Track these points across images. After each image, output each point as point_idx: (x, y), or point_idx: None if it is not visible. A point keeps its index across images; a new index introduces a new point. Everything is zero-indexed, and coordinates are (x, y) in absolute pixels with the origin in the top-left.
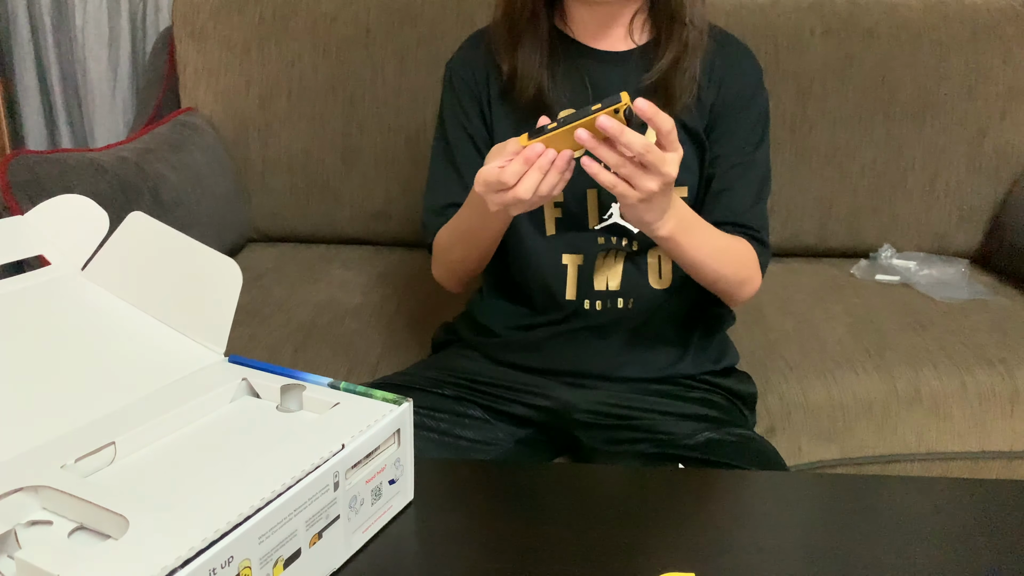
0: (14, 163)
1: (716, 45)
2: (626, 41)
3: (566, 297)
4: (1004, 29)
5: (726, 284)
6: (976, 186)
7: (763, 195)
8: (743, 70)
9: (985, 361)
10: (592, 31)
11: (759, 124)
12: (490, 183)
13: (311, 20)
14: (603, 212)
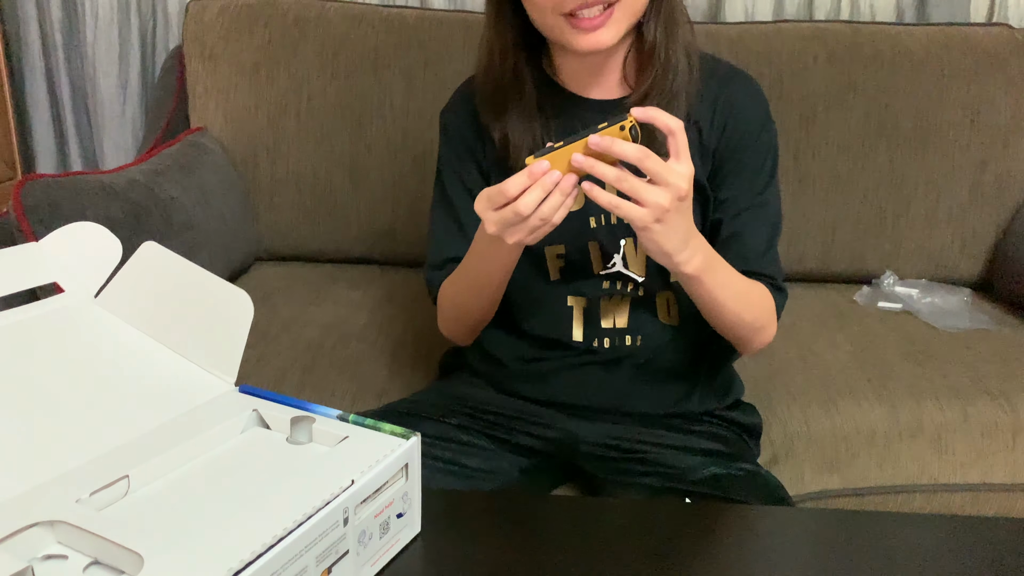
0: (28, 187)
1: (718, 83)
2: (621, 87)
3: (573, 339)
4: (1006, 59)
5: (745, 330)
6: (978, 214)
7: (775, 237)
8: (748, 106)
9: (987, 393)
10: (583, 80)
11: (768, 161)
12: (492, 197)
13: (320, 42)
14: (606, 261)
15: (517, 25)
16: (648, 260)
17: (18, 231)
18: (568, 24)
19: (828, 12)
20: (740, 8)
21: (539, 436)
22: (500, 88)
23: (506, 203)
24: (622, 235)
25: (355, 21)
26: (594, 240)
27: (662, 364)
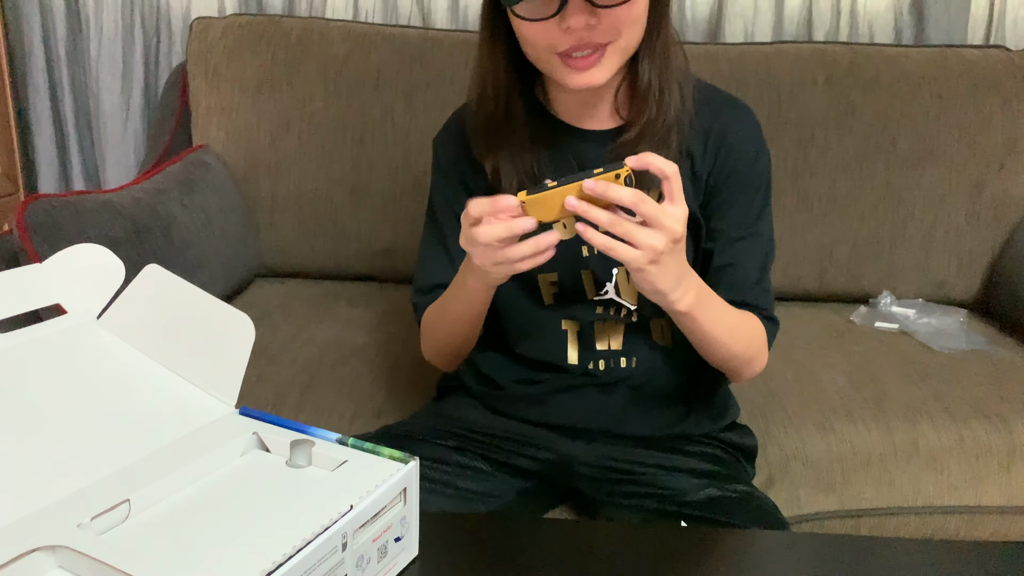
0: (32, 207)
1: (711, 112)
2: (613, 118)
3: (568, 361)
4: (1003, 81)
5: (735, 362)
6: (975, 235)
7: (767, 267)
8: (742, 136)
9: (982, 415)
10: (576, 111)
11: (760, 191)
12: (468, 212)
13: (322, 62)
14: (599, 288)
15: (510, 56)
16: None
17: (21, 250)
18: (561, 63)
19: (827, 31)
20: (740, 28)
21: (536, 458)
22: (492, 120)
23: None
24: (614, 264)
25: (357, 41)
26: (587, 268)
27: (658, 386)
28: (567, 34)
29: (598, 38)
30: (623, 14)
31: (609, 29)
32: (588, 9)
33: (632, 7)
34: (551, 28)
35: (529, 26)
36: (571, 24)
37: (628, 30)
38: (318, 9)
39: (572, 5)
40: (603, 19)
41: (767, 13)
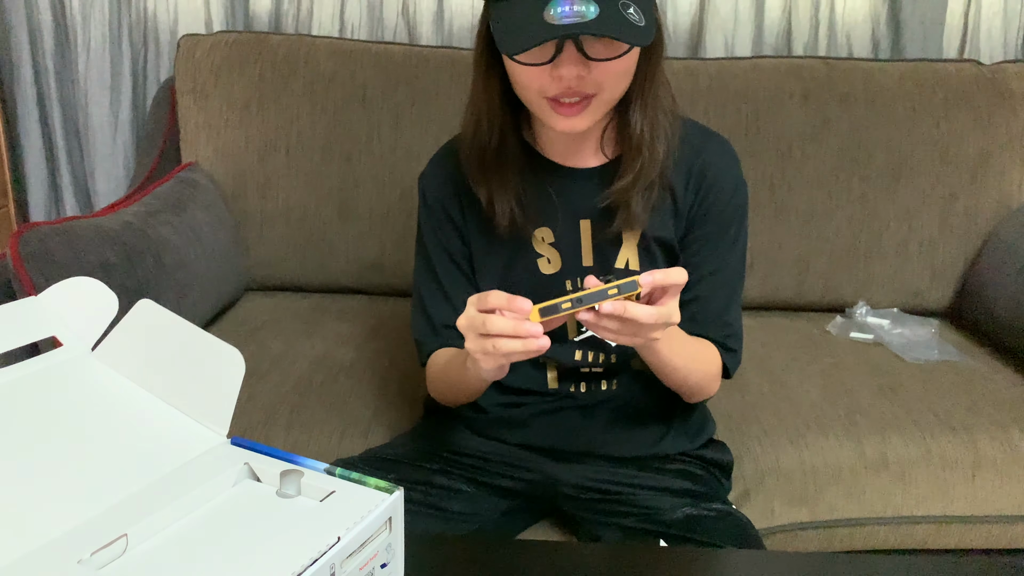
0: (25, 236)
1: (692, 149)
2: (597, 156)
3: (548, 387)
4: (974, 96)
5: (688, 388)
6: (948, 246)
7: (733, 299)
8: (721, 173)
9: (949, 428)
10: (561, 149)
11: (735, 224)
12: (487, 301)
13: (310, 79)
14: (581, 325)
15: (503, 92)
16: None
17: (15, 278)
18: (549, 106)
19: (806, 44)
20: (720, 40)
21: (519, 479)
22: (486, 152)
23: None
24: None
25: (344, 58)
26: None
27: (637, 407)
28: (557, 81)
29: (586, 88)
30: (612, 68)
31: (597, 81)
32: (580, 60)
33: (622, 61)
34: (543, 74)
35: (523, 70)
36: (563, 73)
37: (615, 84)
38: (304, 23)
39: (566, 55)
40: (593, 71)
41: (747, 26)
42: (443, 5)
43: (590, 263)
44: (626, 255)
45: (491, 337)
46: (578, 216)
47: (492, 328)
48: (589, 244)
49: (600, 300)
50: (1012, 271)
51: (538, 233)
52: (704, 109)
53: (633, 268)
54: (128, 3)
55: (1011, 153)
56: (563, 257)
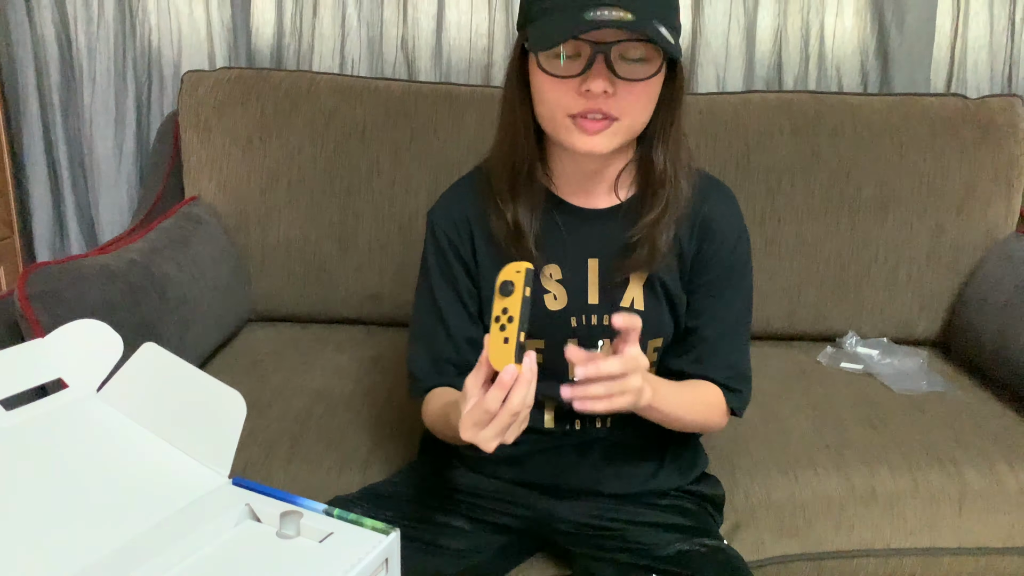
0: (32, 277)
1: (699, 195)
2: (609, 198)
3: (545, 426)
4: (960, 129)
5: (692, 429)
6: (935, 277)
7: (739, 341)
8: (725, 223)
9: (936, 460)
10: (574, 187)
11: (739, 270)
12: (478, 420)
13: (311, 115)
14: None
15: (533, 122)
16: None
17: (22, 317)
18: (572, 124)
19: (796, 77)
20: (712, 75)
21: (515, 515)
22: (519, 174)
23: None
24: (600, 336)
25: (344, 94)
26: (573, 338)
27: (631, 444)
28: (584, 97)
29: (610, 109)
30: (637, 91)
31: (622, 104)
32: (609, 76)
33: (647, 86)
34: (571, 90)
35: (552, 86)
36: (591, 87)
37: (638, 110)
38: (305, 58)
39: (595, 70)
40: (619, 91)
41: (739, 59)
42: (441, 41)
43: (596, 301)
44: (632, 295)
45: (494, 414)
46: (587, 255)
47: (509, 410)
48: (596, 283)
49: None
50: (998, 303)
51: (546, 270)
52: (696, 143)
53: (638, 308)
54: (133, 38)
55: (996, 185)
56: (569, 295)
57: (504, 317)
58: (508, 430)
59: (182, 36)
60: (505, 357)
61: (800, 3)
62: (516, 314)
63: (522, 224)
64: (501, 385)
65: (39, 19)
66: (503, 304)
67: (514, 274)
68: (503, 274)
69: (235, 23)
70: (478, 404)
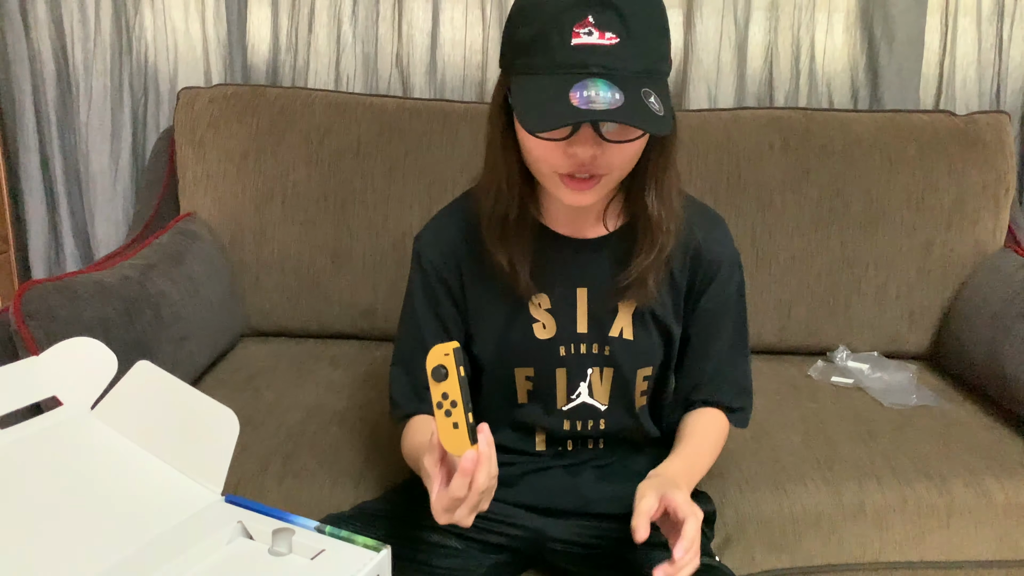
0: (28, 294)
1: (688, 223)
2: (597, 228)
3: (536, 448)
4: (948, 145)
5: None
6: (925, 291)
7: (740, 361)
8: (719, 251)
9: (925, 475)
10: (564, 220)
11: (735, 297)
12: (448, 507)
13: (305, 131)
14: (571, 392)
15: (520, 161)
16: (612, 390)
17: (16, 334)
18: (560, 180)
19: (787, 94)
20: (704, 92)
21: (507, 534)
22: (507, 221)
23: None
24: (590, 365)
25: (339, 111)
26: (562, 367)
27: (622, 465)
28: (571, 159)
29: (597, 168)
30: (625, 150)
31: (609, 162)
32: (596, 141)
33: (634, 144)
34: (557, 150)
35: (537, 145)
36: (577, 152)
37: (625, 165)
38: (301, 74)
39: (581, 135)
40: (606, 152)
41: (730, 76)
42: (436, 58)
43: (585, 330)
44: (621, 324)
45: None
46: (576, 284)
47: (477, 490)
48: (585, 312)
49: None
50: (986, 317)
51: (535, 299)
52: (687, 160)
53: (627, 337)
54: (129, 54)
55: (984, 201)
56: (558, 323)
57: (447, 403)
58: (481, 502)
59: (178, 52)
60: (460, 443)
61: (791, 20)
62: (458, 398)
63: (516, 264)
64: (464, 473)
65: (36, 36)
66: (441, 389)
67: (443, 357)
68: (432, 359)
69: (231, 40)
70: (444, 492)
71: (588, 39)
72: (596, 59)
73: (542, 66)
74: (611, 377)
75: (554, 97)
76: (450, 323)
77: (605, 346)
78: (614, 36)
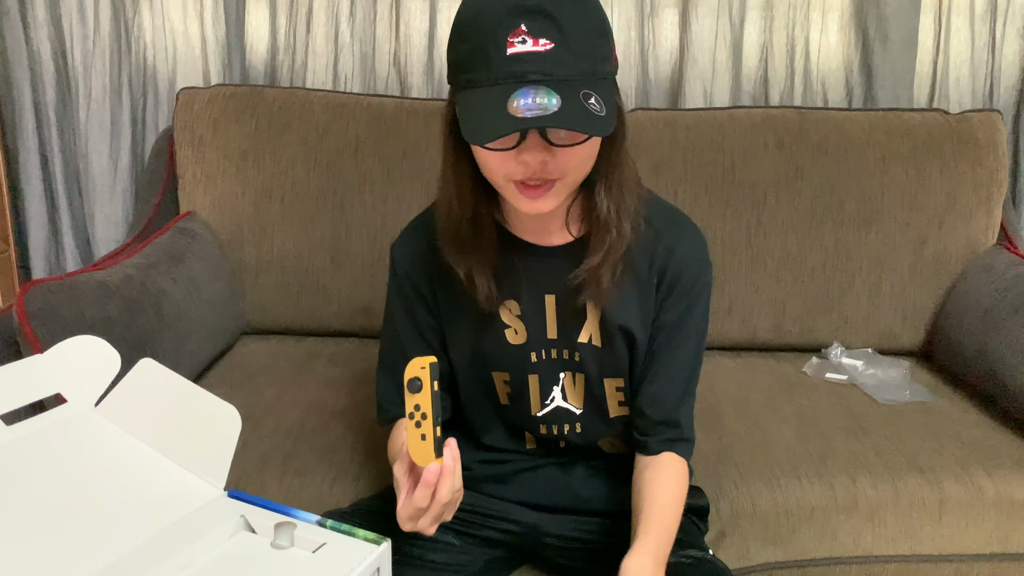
0: (31, 293)
1: (655, 232)
2: (562, 234)
3: (527, 447)
4: (941, 145)
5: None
6: (918, 289)
7: (690, 388)
8: (687, 256)
9: (917, 469)
10: (529, 227)
11: (701, 299)
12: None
13: (304, 132)
14: (544, 397)
15: (472, 172)
16: (586, 393)
17: (20, 333)
18: (516, 189)
19: (782, 93)
20: (699, 91)
21: (503, 530)
22: (460, 231)
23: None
24: (561, 370)
25: (337, 111)
26: (534, 373)
27: (615, 461)
28: (522, 166)
29: (549, 174)
30: (575, 153)
31: (561, 166)
32: (544, 147)
33: (584, 147)
34: (508, 160)
35: (488, 156)
36: (527, 159)
37: (578, 168)
38: (299, 74)
39: (529, 142)
40: (557, 156)
41: (725, 75)
42: (433, 57)
43: (555, 336)
44: (589, 331)
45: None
46: (544, 291)
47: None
48: (554, 318)
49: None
50: (977, 314)
51: (506, 304)
52: (682, 158)
53: (595, 344)
54: (128, 54)
55: (977, 199)
56: (528, 330)
57: (418, 414)
58: (444, 514)
59: (177, 53)
60: (426, 455)
61: (785, 19)
62: (428, 410)
63: (475, 277)
64: (426, 484)
65: (35, 36)
66: (414, 401)
67: (419, 370)
68: (409, 371)
69: (229, 40)
70: (409, 501)
71: (523, 47)
72: (532, 66)
73: (482, 79)
74: (583, 382)
75: (494, 107)
76: (426, 330)
77: (575, 352)
78: (548, 42)
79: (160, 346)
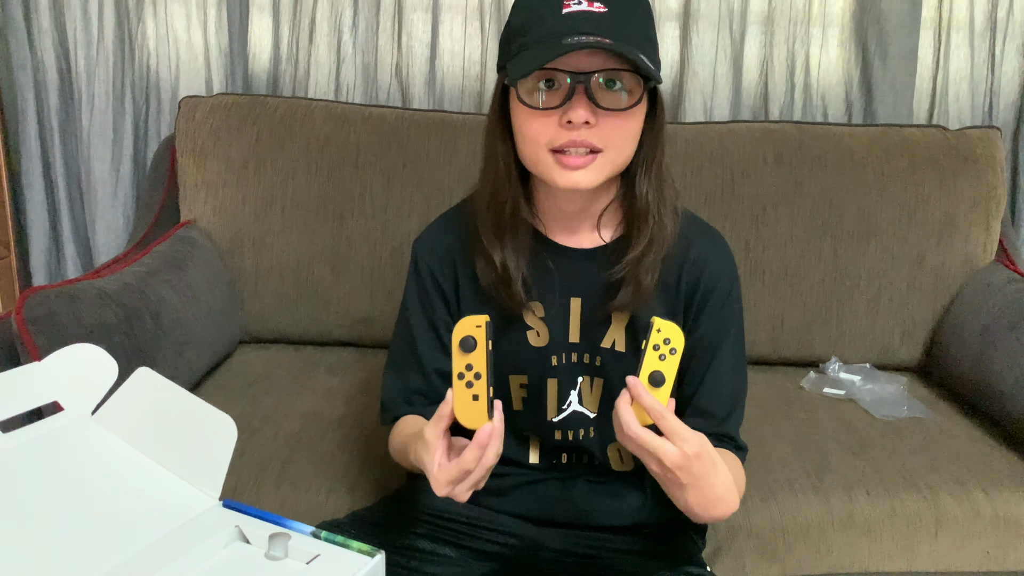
0: (30, 300)
1: (685, 241)
2: (593, 238)
3: (530, 461)
4: (939, 160)
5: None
6: (916, 304)
7: (740, 393)
8: (718, 269)
9: (913, 486)
10: (559, 227)
11: (734, 317)
12: (453, 478)
13: (305, 141)
14: (561, 402)
15: (514, 166)
16: (603, 397)
17: (18, 339)
18: (555, 160)
19: (782, 108)
20: (699, 104)
21: (501, 543)
22: (502, 215)
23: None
24: (580, 374)
25: (339, 121)
26: (553, 377)
27: (616, 477)
28: (566, 129)
29: (593, 140)
30: (619, 122)
31: (604, 136)
32: (590, 107)
33: (629, 117)
34: (551, 123)
35: (531, 118)
36: (572, 117)
37: (621, 142)
38: (301, 84)
39: (576, 101)
40: (601, 124)
41: (725, 89)
42: (435, 68)
43: (577, 340)
44: (613, 336)
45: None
46: (570, 294)
47: (485, 464)
48: (578, 322)
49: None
50: (975, 330)
51: (531, 306)
52: (681, 172)
53: (619, 349)
54: (132, 62)
55: (975, 215)
56: (551, 332)
57: (470, 374)
58: (481, 481)
59: (180, 61)
60: (478, 415)
61: (786, 34)
62: (483, 370)
63: (510, 267)
64: (479, 444)
65: (39, 43)
66: (466, 360)
67: (474, 328)
68: (462, 329)
69: (232, 49)
70: (455, 463)
71: (578, 7)
72: (587, 25)
73: (535, 38)
74: (600, 387)
75: (544, 50)
76: (443, 329)
77: (596, 356)
78: (602, 6)
79: (158, 354)
